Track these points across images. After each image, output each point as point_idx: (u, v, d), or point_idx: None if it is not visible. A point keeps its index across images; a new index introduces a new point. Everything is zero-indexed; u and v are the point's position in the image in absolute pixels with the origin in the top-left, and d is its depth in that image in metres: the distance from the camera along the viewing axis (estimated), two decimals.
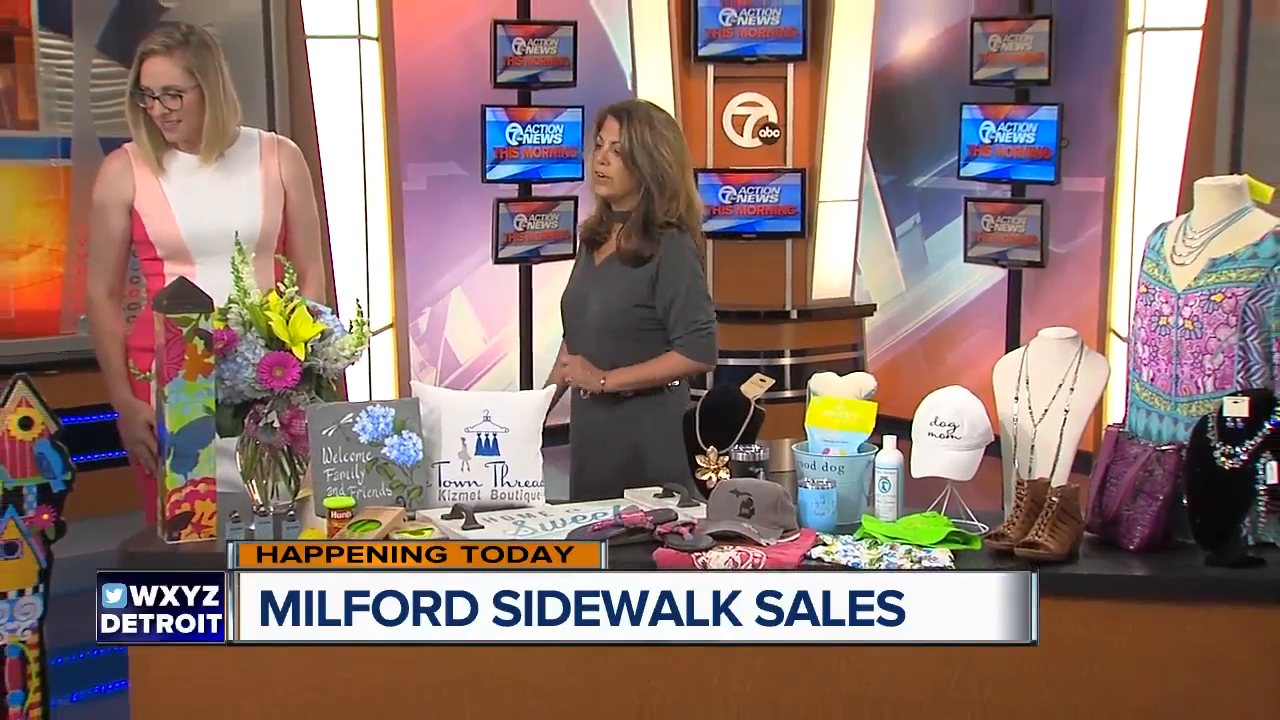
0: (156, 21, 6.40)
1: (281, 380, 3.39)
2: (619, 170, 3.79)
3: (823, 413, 3.48)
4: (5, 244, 6.20)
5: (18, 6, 6.17)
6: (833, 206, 7.66)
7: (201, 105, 3.81)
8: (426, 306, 7.75)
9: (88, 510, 3.56)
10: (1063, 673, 3.13)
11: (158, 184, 3.84)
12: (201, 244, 3.79)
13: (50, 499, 3.37)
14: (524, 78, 7.40)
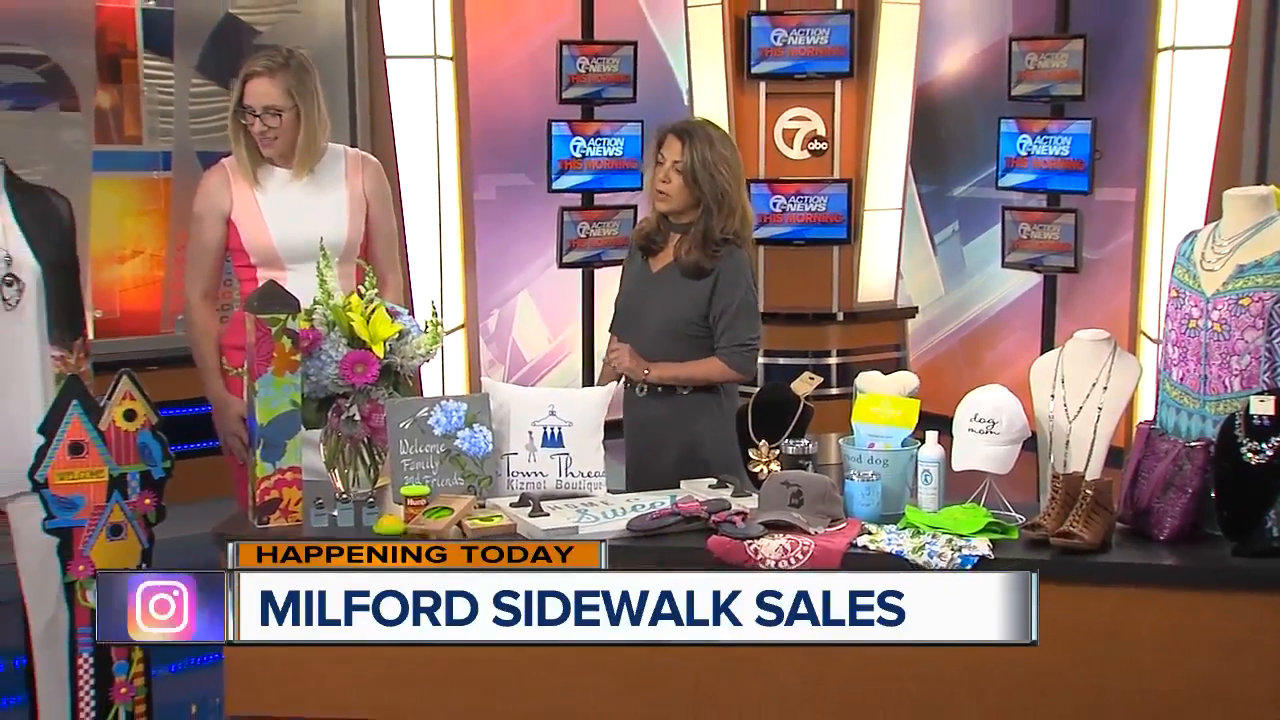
0: (250, 45, 6.46)
1: (362, 376, 3.41)
2: (679, 188, 3.76)
3: (869, 409, 3.46)
4: (111, 250, 6.26)
5: (125, 32, 6.24)
6: (877, 215, 7.63)
7: (297, 124, 3.82)
8: (495, 308, 7.76)
9: (184, 496, 3.60)
10: (1094, 656, 3.10)
11: (253, 196, 3.86)
12: (291, 252, 3.80)
13: (151, 485, 3.42)
14: (587, 94, 7.40)
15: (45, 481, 3.34)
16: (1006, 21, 7.73)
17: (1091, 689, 3.11)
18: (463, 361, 7.09)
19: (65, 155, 6.06)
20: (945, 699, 3.12)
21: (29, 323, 3.58)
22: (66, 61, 6.03)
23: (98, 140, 6.17)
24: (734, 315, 3.75)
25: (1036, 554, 3.14)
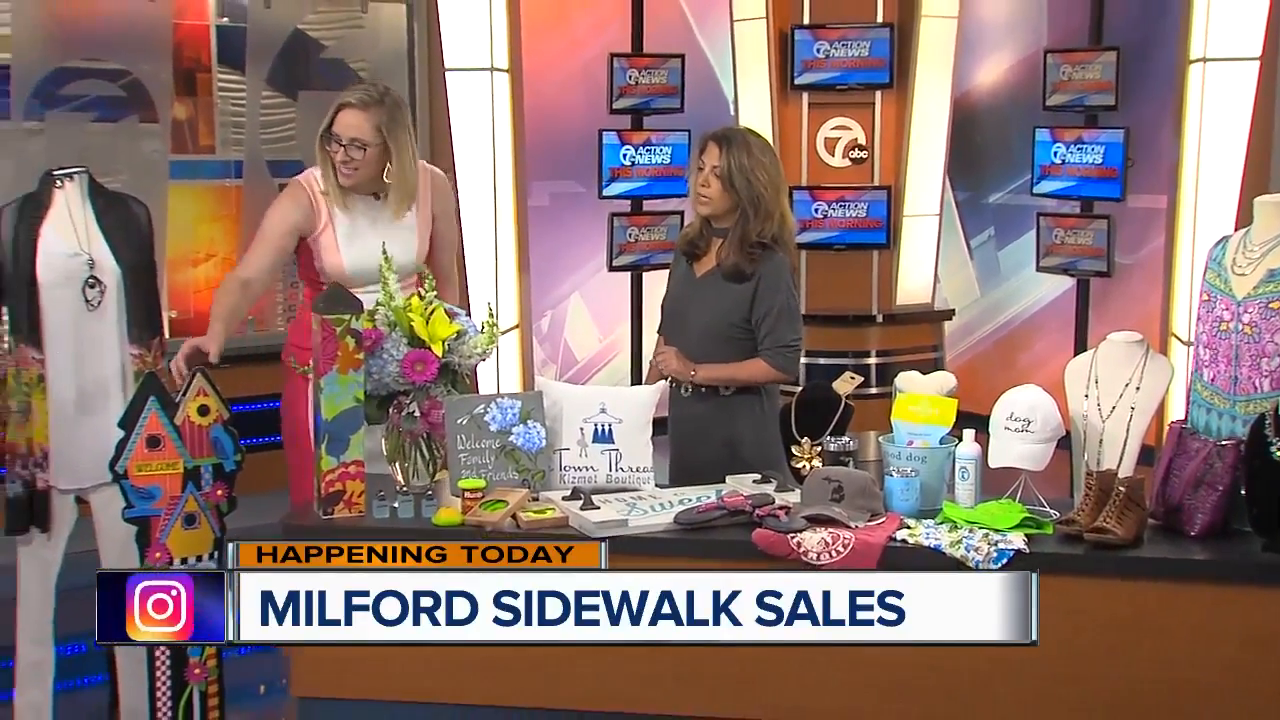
0: (317, 59, 6.51)
1: (422, 375, 3.42)
2: (718, 192, 3.75)
3: (908, 408, 3.44)
4: (186, 254, 6.32)
5: (200, 48, 6.29)
6: (915, 220, 7.59)
7: (380, 159, 3.75)
8: (548, 310, 7.78)
9: (254, 487, 3.61)
10: (1127, 648, 3.07)
11: (331, 221, 3.79)
12: (362, 276, 3.73)
13: (223, 477, 3.44)
14: (637, 104, 7.39)
15: (124, 473, 3.36)
16: (1041, 34, 7.67)
17: (1124, 679, 3.08)
18: (517, 360, 7.10)
19: (144, 164, 6.11)
20: (982, 687, 3.10)
21: (110, 322, 3.62)
22: (146, 76, 6.09)
23: (174, 150, 6.22)
24: (776, 318, 3.73)
25: (1071, 548, 3.12)
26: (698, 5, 7.86)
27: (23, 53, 5.79)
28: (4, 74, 5.78)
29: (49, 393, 3.57)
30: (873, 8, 7.33)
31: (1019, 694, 3.11)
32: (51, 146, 5.74)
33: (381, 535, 3.26)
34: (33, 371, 3.53)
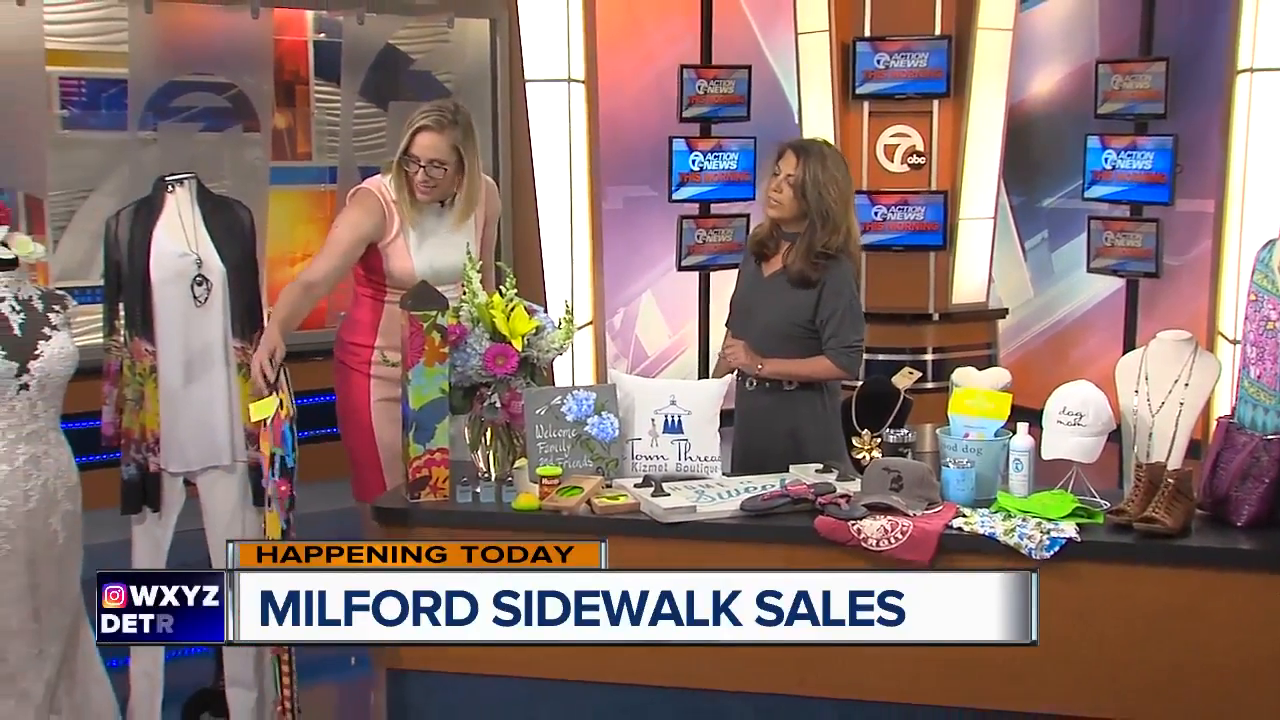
0: (407, 72, 6.55)
1: (503, 368, 3.43)
2: (789, 199, 3.71)
3: (964, 402, 3.40)
4: (284, 254, 6.39)
5: (299, 61, 6.37)
6: (971, 223, 7.52)
7: (456, 175, 3.76)
8: (620, 307, 7.78)
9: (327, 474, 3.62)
10: (1175, 634, 3.02)
11: (403, 232, 3.78)
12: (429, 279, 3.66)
13: (285, 472, 3.44)
14: (705, 113, 7.37)
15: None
16: (1094, 45, 7.57)
17: (1172, 664, 3.03)
18: (591, 355, 7.11)
19: (247, 171, 6.19)
20: (1034, 668, 3.06)
21: (215, 318, 3.65)
22: (249, 89, 6.17)
23: (274, 157, 6.30)
24: (840, 320, 3.69)
25: (1121, 538, 3.08)
26: (764, 19, 7.84)
27: (138, 69, 5.89)
28: (121, 88, 5.88)
29: (160, 382, 3.61)
30: (931, 20, 7.26)
31: (1069, 676, 3.06)
32: (164, 154, 5.83)
33: (465, 520, 3.30)
34: (146, 362, 3.58)
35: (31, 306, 3.23)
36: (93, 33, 5.83)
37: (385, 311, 3.79)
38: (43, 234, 5.67)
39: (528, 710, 3.24)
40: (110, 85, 5.88)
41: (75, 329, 3.33)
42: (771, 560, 3.15)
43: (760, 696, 3.15)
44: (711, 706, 3.18)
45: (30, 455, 3.18)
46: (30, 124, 5.68)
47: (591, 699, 3.20)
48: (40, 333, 3.20)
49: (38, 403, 3.19)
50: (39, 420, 3.20)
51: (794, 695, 3.12)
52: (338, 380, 3.89)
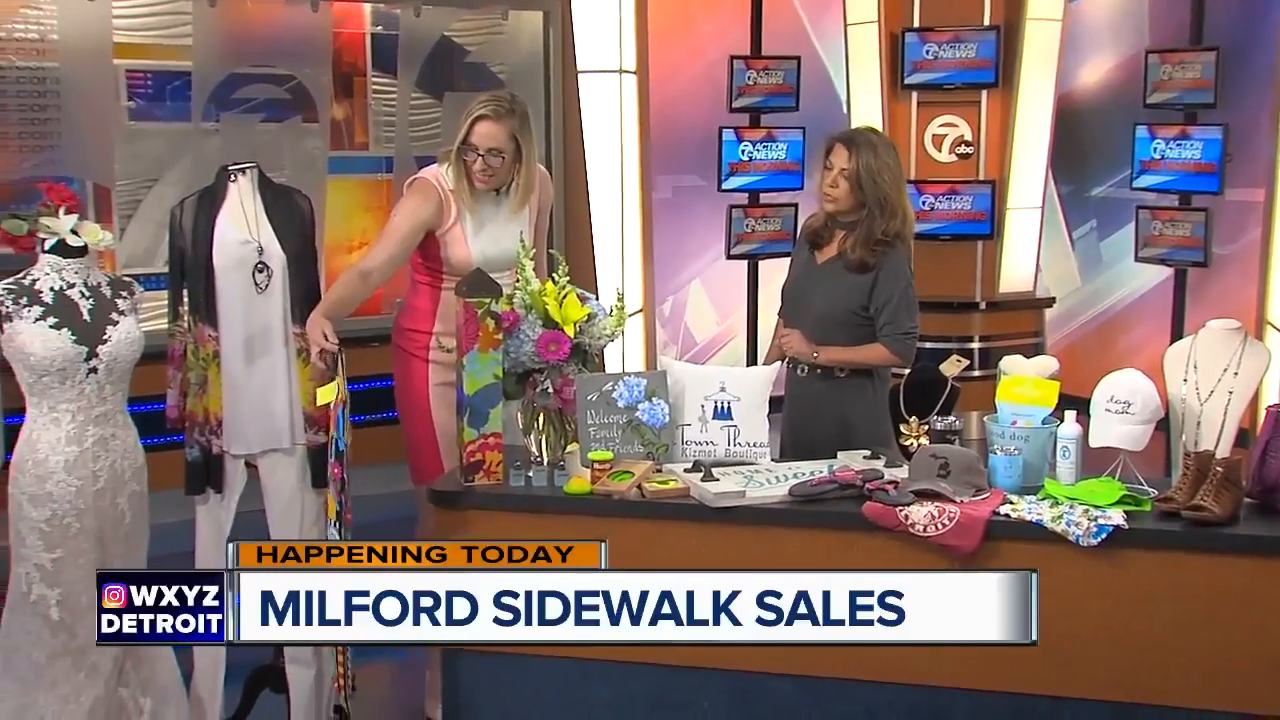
0: (462, 64, 6.57)
1: (555, 354, 3.44)
2: (846, 192, 3.68)
3: (1012, 389, 3.37)
4: (341, 241, 6.43)
5: (357, 54, 6.40)
6: (1019, 213, 7.45)
7: (514, 163, 3.77)
8: (670, 295, 7.78)
9: (386, 458, 3.63)
10: (1222, 621, 2.99)
11: (460, 220, 3.80)
12: (486, 266, 3.68)
13: (337, 455, 3.47)
14: (755, 103, 7.35)
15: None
16: (1143, 35, 7.46)
17: (1219, 652, 2.99)
18: (640, 342, 7.12)
19: (305, 160, 6.23)
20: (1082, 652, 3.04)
21: (275, 304, 3.68)
22: (308, 80, 6.21)
23: (332, 147, 6.34)
24: (895, 307, 3.67)
25: (1169, 525, 3.04)
26: (813, 10, 7.79)
27: (202, 61, 5.94)
28: (186, 81, 5.94)
29: (222, 366, 3.65)
30: (980, 11, 7.20)
31: (1117, 663, 3.03)
32: (226, 145, 5.88)
33: (518, 503, 3.31)
34: (209, 347, 3.62)
35: (100, 292, 3.27)
36: (158, 27, 5.89)
37: (442, 298, 3.80)
38: (110, 222, 5.73)
39: (579, 690, 3.25)
40: (175, 78, 5.94)
41: (141, 315, 3.37)
42: (819, 545, 3.15)
43: (808, 679, 3.14)
44: (759, 688, 3.18)
45: (99, 437, 3.23)
46: (99, 115, 5.75)
47: (641, 681, 3.20)
48: (108, 318, 3.24)
49: (106, 386, 3.23)
50: (107, 403, 3.25)
51: (842, 678, 3.11)
52: (396, 366, 3.91)
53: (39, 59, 5.59)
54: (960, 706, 3.11)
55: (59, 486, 3.18)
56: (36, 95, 5.59)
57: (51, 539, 3.19)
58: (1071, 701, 3.08)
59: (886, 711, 3.15)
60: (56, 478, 3.18)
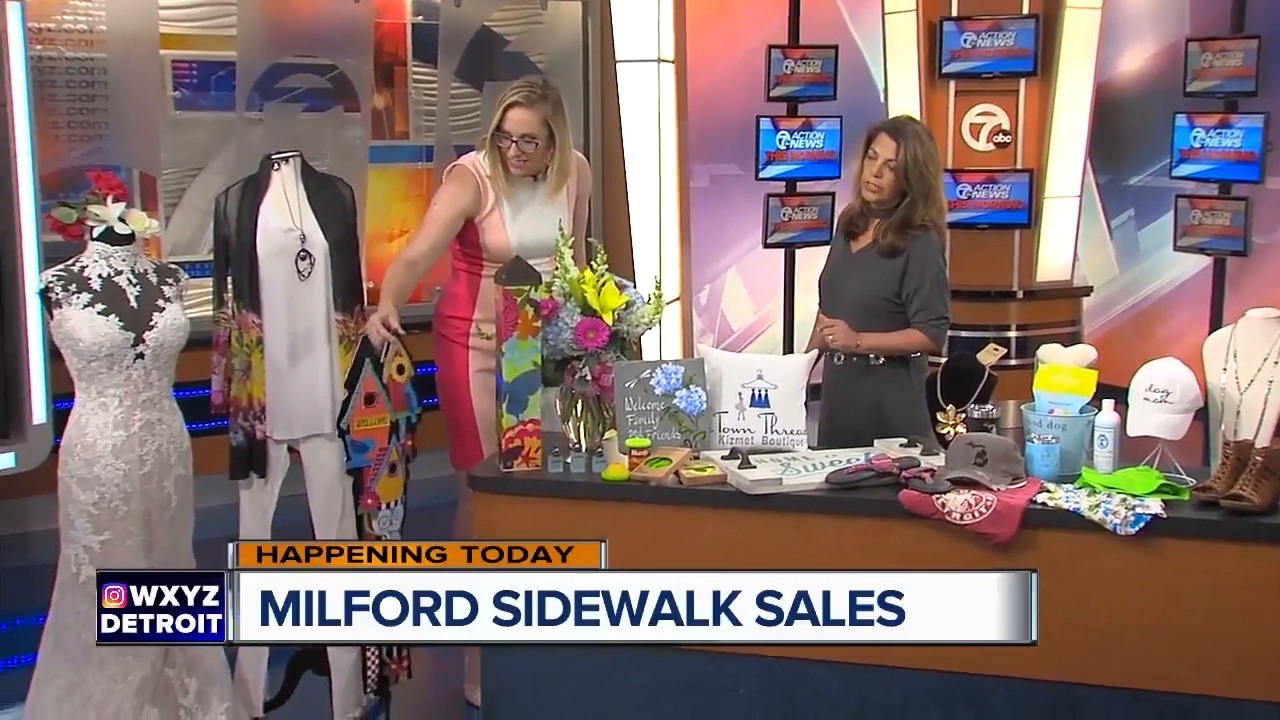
0: (501, 53, 6.58)
1: (594, 341, 3.44)
2: (890, 183, 3.65)
3: (1050, 378, 3.34)
4: (382, 230, 6.46)
5: (398, 43, 6.42)
6: (1056, 202, 7.39)
7: (548, 149, 3.78)
8: (706, 283, 7.76)
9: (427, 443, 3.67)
10: (1261, 610, 2.96)
11: (499, 204, 3.81)
12: (524, 253, 3.69)
13: (410, 429, 3.51)
14: (792, 93, 7.32)
15: (348, 429, 3.44)
16: (1183, 23, 7.37)
17: (1257, 640, 2.96)
18: (678, 330, 7.11)
19: (347, 149, 6.26)
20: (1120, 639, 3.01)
21: (318, 291, 3.69)
22: (350, 70, 6.23)
23: (373, 136, 6.36)
24: (928, 292, 3.65)
25: (1207, 514, 3.00)
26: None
27: (245, 51, 5.98)
28: (230, 71, 5.97)
29: (265, 353, 3.67)
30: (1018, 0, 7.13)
31: (1156, 651, 3.01)
32: (269, 134, 5.92)
33: (556, 489, 3.32)
34: (252, 334, 3.64)
35: (146, 279, 3.30)
36: (203, 17, 5.93)
37: (482, 285, 3.81)
38: (156, 210, 5.78)
39: (616, 675, 3.26)
40: (219, 68, 5.98)
41: (186, 302, 3.40)
42: (855, 532, 3.14)
43: (844, 664, 3.13)
44: (795, 674, 3.17)
45: (145, 421, 3.26)
46: (145, 105, 5.79)
47: (677, 666, 3.20)
48: (155, 304, 3.27)
49: (152, 371, 3.26)
50: (153, 388, 3.28)
51: (879, 665, 3.10)
52: (437, 352, 3.93)
53: (87, 50, 5.63)
54: (997, 693, 3.09)
55: (107, 470, 3.22)
56: (85, 85, 5.64)
57: (100, 521, 3.22)
58: (1108, 690, 3.05)
59: (923, 698, 3.13)
60: (104, 461, 3.21)
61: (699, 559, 3.19)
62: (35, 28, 5.32)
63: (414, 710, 3.94)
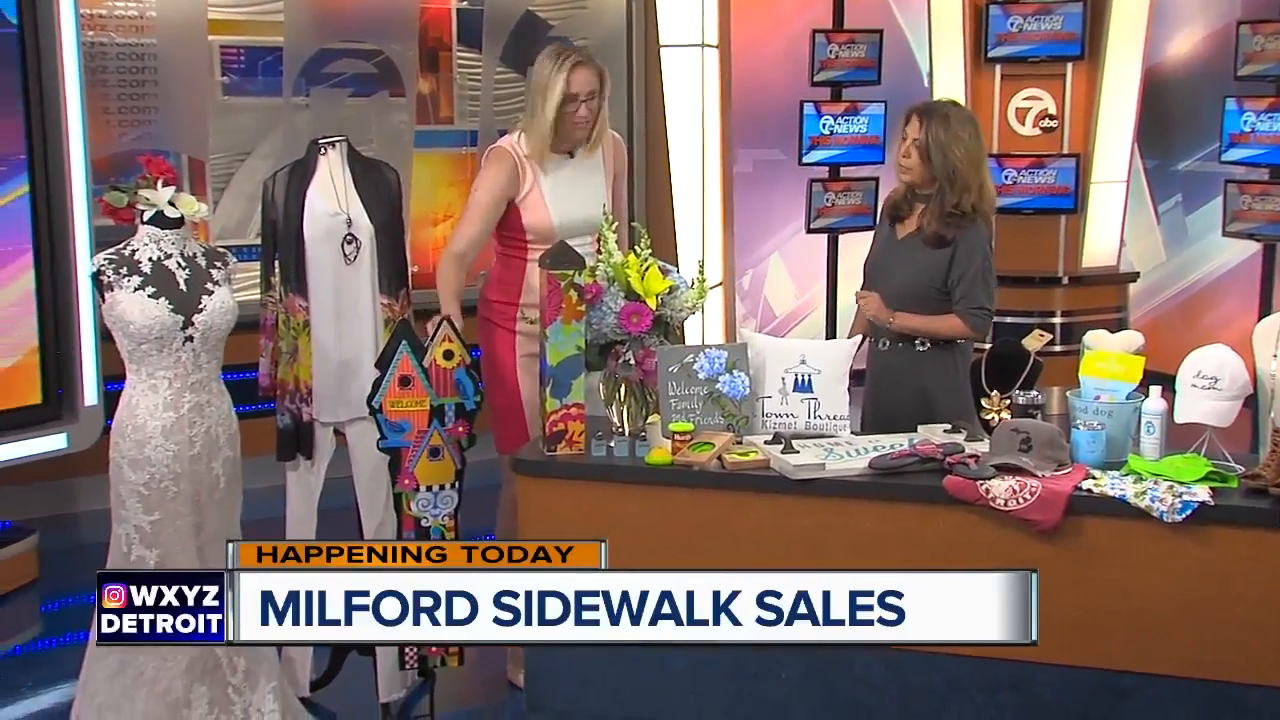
0: (545, 38, 6.57)
1: (637, 326, 3.44)
2: (917, 163, 3.65)
3: (1096, 364, 3.31)
4: (426, 215, 6.48)
5: (443, 28, 6.42)
6: (1103, 187, 7.30)
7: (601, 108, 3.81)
8: (749, 268, 7.74)
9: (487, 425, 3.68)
10: None
11: (537, 183, 3.81)
12: (566, 231, 3.73)
13: (464, 415, 3.52)
14: (836, 77, 7.27)
15: (379, 408, 3.46)
16: (1235, 6, 7.25)
17: None
18: (720, 315, 7.10)
19: (392, 134, 6.28)
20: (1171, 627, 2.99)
21: (364, 275, 3.72)
22: (395, 55, 6.25)
23: (418, 121, 6.37)
24: (971, 282, 3.62)
25: (1256, 502, 2.96)
26: None
27: (292, 37, 6.01)
28: (277, 56, 6.00)
29: (311, 336, 3.70)
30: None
31: (1204, 639, 2.98)
32: (315, 119, 5.94)
33: (599, 473, 3.32)
34: (299, 317, 3.67)
35: (195, 263, 3.33)
36: (251, 4, 5.96)
37: (527, 269, 3.81)
38: (204, 194, 5.83)
39: (658, 660, 3.26)
40: (267, 53, 6.01)
41: (234, 285, 3.42)
42: (899, 518, 3.12)
43: (890, 652, 3.11)
44: (841, 662, 3.16)
45: (194, 403, 3.29)
46: (194, 90, 5.83)
47: (722, 651, 3.18)
48: (203, 288, 3.29)
49: (201, 354, 3.29)
50: (202, 370, 3.30)
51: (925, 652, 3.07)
52: (482, 337, 3.94)
53: (137, 35, 5.68)
54: (1043, 680, 3.08)
55: (157, 451, 3.25)
56: (135, 71, 5.69)
57: (150, 502, 3.26)
58: (1154, 678, 3.03)
59: (968, 684, 3.12)
60: (154, 442, 3.25)
61: (741, 543, 3.20)
62: (87, 14, 5.37)
63: (458, 692, 3.96)
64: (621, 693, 3.30)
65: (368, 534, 3.81)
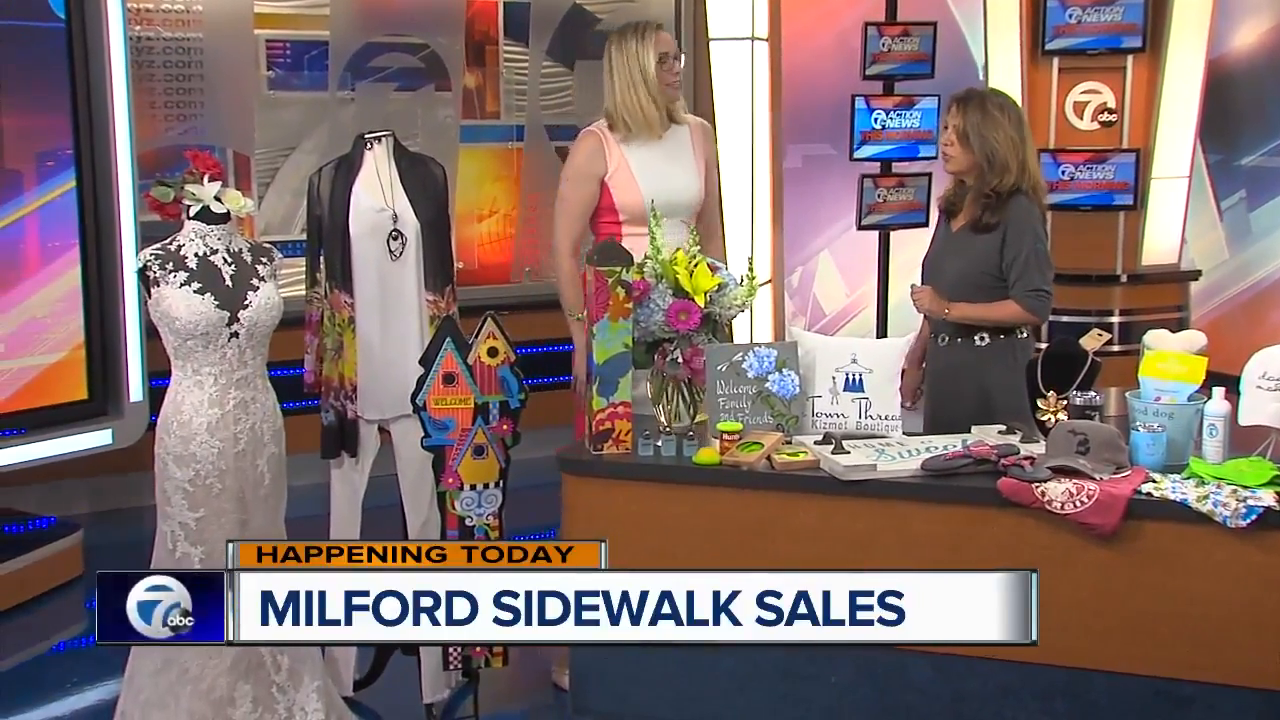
0: (592, 32, 6.58)
1: (685, 323, 3.43)
2: (958, 150, 3.70)
3: (1156, 365, 3.27)
4: (471, 210, 6.51)
5: (489, 22, 6.46)
6: (1164, 183, 7.21)
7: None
8: (799, 265, 7.71)
9: (535, 423, 3.69)
10: None
11: (625, 161, 3.84)
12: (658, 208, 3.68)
13: (509, 413, 3.53)
14: (889, 71, 7.22)
15: (424, 405, 3.49)
16: None
17: None
18: (769, 313, 7.07)
19: (438, 128, 6.32)
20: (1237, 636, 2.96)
21: (409, 271, 3.74)
22: (441, 49, 6.29)
23: (464, 115, 6.41)
24: (1025, 263, 3.63)
25: None
26: None
27: (338, 31, 6.06)
28: (323, 50, 6.06)
29: (357, 332, 3.72)
30: None
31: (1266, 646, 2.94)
32: (360, 113, 6.00)
33: (646, 472, 3.32)
34: (345, 314, 3.69)
35: (241, 259, 3.36)
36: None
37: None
38: (249, 190, 5.89)
39: (705, 660, 3.25)
40: (312, 47, 6.06)
41: (279, 281, 3.45)
42: (952, 521, 3.10)
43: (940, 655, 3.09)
44: (889, 663, 3.15)
45: (239, 400, 3.32)
46: (240, 85, 5.90)
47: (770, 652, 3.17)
48: (249, 284, 3.33)
49: (246, 350, 3.32)
50: (247, 367, 3.34)
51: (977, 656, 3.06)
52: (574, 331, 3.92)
53: (184, 30, 5.76)
54: (1098, 687, 3.05)
55: (202, 447, 3.28)
56: (181, 65, 5.76)
57: (195, 499, 3.29)
58: (1214, 686, 2.99)
59: (1020, 691, 3.09)
60: (200, 439, 3.28)
61: (790, 545, 3.18)
62: (134, 8, 5.45)
63: (502, 693, 3.98)
64: (667, 695, 3.30)
65: (412, 533, 3.84)
